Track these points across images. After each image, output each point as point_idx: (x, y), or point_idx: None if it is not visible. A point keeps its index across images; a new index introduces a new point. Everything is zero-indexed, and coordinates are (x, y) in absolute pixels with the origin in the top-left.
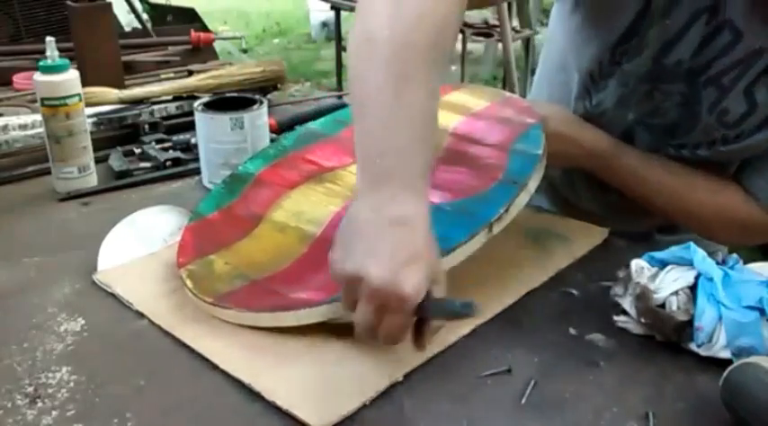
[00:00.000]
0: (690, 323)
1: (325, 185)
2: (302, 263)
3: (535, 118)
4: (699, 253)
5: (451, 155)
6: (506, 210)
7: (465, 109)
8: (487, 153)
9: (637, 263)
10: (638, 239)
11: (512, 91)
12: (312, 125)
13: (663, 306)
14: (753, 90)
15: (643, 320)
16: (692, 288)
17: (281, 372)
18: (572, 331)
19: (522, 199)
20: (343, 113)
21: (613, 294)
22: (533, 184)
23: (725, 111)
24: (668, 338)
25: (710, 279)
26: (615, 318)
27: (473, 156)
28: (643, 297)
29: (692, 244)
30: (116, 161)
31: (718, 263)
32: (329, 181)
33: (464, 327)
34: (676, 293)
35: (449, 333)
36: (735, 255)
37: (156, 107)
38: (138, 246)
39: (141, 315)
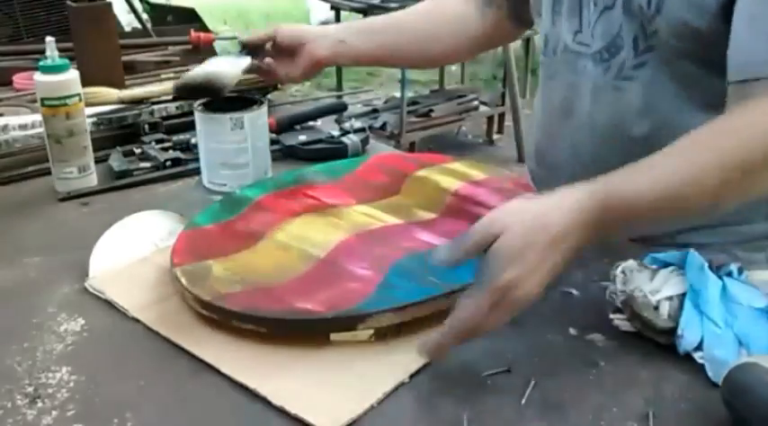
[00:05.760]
0: (676, 330)
1: (327, 218)
2: (304, 280)
3: (532, 192)
4: (695, 263)
5: (453, 212)
6: None
7: (466, 176)
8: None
9: (626, 266)
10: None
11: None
12: (313, 168)
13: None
14: None
15: (631, 324)
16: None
17: (285, 376)
18: (572, 331)
19: None
20: (345, 163)
21: (610, 292)
22: None
23: None
24: (660, 340)
25: (700, 291)
26: (611, 316)
27: (475, 215)
28: (627, 303)
29: (690, 252)
30: (116, 161)
31: (718, 273)
32: (332, 216)
33: None
34: (670, 298)
35: None
36: (734, 266)
37: (156, 107)
38: (130, 251)
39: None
